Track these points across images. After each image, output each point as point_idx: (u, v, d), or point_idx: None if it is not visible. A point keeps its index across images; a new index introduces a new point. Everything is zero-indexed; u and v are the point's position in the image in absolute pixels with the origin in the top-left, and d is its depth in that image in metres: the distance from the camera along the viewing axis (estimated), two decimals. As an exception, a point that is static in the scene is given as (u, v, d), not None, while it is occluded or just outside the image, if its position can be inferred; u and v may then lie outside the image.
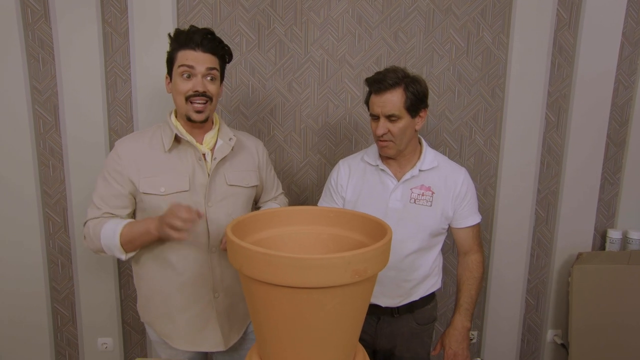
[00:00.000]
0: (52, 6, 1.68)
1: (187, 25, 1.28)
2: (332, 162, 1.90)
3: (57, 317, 1.96)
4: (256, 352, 0.93)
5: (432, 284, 1.41)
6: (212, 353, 1.42)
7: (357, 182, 1.38)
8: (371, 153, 1.39)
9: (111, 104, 1.80)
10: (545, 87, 1.85)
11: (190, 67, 1.16)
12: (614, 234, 1.95)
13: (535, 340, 2.10)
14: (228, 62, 1.28)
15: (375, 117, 1.28)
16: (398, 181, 1.33)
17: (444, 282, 1.88)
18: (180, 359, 1.33)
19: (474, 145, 1.92)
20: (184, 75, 1.17)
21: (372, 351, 1.44)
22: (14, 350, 1.93)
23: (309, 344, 0.82)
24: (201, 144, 1.25)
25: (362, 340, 1.03)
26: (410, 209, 1.31)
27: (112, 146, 1.53)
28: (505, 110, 1.86)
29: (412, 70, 1.30)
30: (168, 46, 1.22)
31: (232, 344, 1.33)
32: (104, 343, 1.96)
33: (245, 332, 1.39)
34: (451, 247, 1.98)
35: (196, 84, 1.17)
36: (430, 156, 1.35)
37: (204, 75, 1.18)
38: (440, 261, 1.44)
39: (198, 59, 1.16)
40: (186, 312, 1.27)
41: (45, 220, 1.86)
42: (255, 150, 1.38)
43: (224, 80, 1.30)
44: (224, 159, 1.26)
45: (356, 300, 0.82)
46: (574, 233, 1.96)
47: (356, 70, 1.83)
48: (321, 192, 1.50)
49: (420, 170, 1.33)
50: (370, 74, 1.30)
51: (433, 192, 1.32)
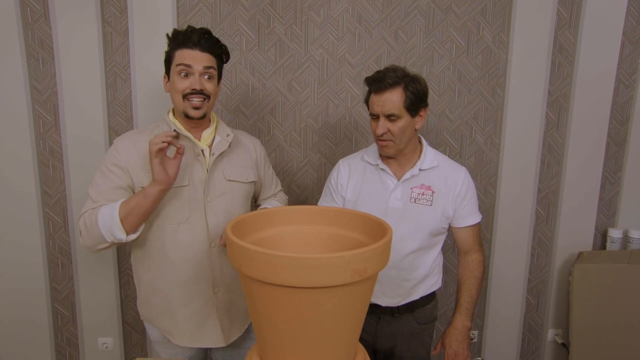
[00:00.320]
0: (52, 6, 1.68)
1: (186, 24, 1.28)
2: (332, 162, 1.90)
3: (57, 317, 1.96)
4: (256, 351, 0.93)
5: (433, 283, 1.41)
6: (213, 350, 1.42)
7: (357, 182, 1.38)
8: (371, 152, 1.39)
9: (111, 104, 1.79)
10: (545, 86, 1.84)
11: (188, 66, 1.17)
12: (614, 233, 1.94)
13: (536, 340, 2.10)
14: (225, 62, 1.29)
15: (375, 117, 1.28)
16: (398, 180, 1.33)
17: (444, 281, 1.88)
18: (181, 359, 1.33)
19: (474, 144, 1.91)
20: (181, 73, 1.18)
21: (372, 351, 1.44)
22: (14, 350, 1.93)
23: (308, 344, 0.81)
24: (199, 140, 1.26)
25: (362, 340, 1.03)
26: (410, 208, 1.31)
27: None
28: (506, 110, 1.86)
29: (412, 70, 1.29)
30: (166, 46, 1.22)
31: (232, 341, 1.33)
32: (104, 343, 1.96)
33: (247, 330, 1.39)
34: (452, 247, 1.98)
35: (193, 82, 1.18)
36: (430, 155, 1.35)
37: (201, 74, 1.19)
38: (440, 260, 1.44)
39: (195, 58, 1.18)
40: (186, 307, 1.27)
41: (45, 220, 1.86)
42: (252, 147, 1.40)
43: (223, 80, 1.30)
44: (222, 155, 1.27)
45: (356, 300, 0.82)
46: (574, 232, 1.96)
47: (356, 70, 1.83)
48: (321, 192, 1.50)
49: (420, 170, 1.33)
50: (370, 73, 1.29)
51: (433, 192, 1.32)
